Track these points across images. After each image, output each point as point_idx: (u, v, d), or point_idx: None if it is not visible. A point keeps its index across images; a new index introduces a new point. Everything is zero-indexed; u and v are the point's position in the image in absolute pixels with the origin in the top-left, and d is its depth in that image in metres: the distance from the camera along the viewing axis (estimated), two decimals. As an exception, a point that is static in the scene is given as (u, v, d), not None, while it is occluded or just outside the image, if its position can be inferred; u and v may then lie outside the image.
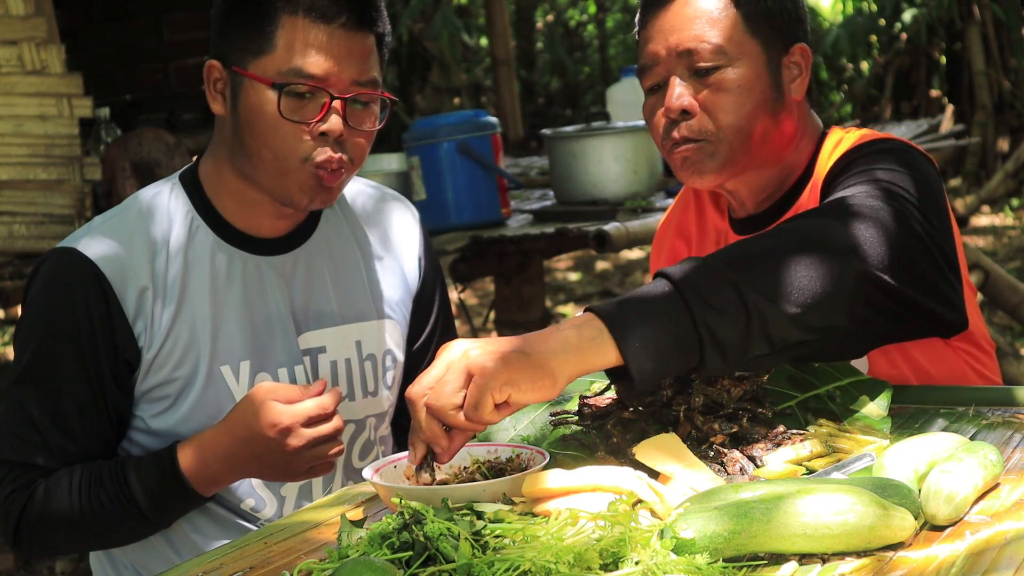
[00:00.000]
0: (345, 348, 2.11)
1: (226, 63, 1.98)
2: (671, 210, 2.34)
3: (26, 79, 4.14)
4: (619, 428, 1.59)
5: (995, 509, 1.39)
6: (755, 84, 1.99)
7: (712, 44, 1.98)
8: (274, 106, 1.92)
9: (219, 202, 2.04)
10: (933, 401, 1.82)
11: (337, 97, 1.93)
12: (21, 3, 4.13)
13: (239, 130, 1.97)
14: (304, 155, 1.94)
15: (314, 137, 1.93)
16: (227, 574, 1.44)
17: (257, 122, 1.94)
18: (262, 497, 2.05)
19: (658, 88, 2.04)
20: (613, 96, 4.69)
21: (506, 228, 4.03)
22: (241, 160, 1.99)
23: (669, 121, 2.02)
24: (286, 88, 1.91)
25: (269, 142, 1.94)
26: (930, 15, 10.16)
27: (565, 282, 9.11)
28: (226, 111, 1.99)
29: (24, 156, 4.18)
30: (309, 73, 1.91)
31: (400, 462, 1.60)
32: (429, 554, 1.29)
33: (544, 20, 14.03)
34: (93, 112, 4.27)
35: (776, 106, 2.02)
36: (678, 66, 2.00)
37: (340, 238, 2.15)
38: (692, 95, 2.00)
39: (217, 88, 2.00)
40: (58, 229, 4.17)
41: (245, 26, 1.94)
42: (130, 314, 1.96)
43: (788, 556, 1.29)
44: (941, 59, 10.72)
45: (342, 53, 1.93)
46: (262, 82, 1.92)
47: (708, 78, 1.99)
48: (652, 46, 2.02)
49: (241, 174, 2.01)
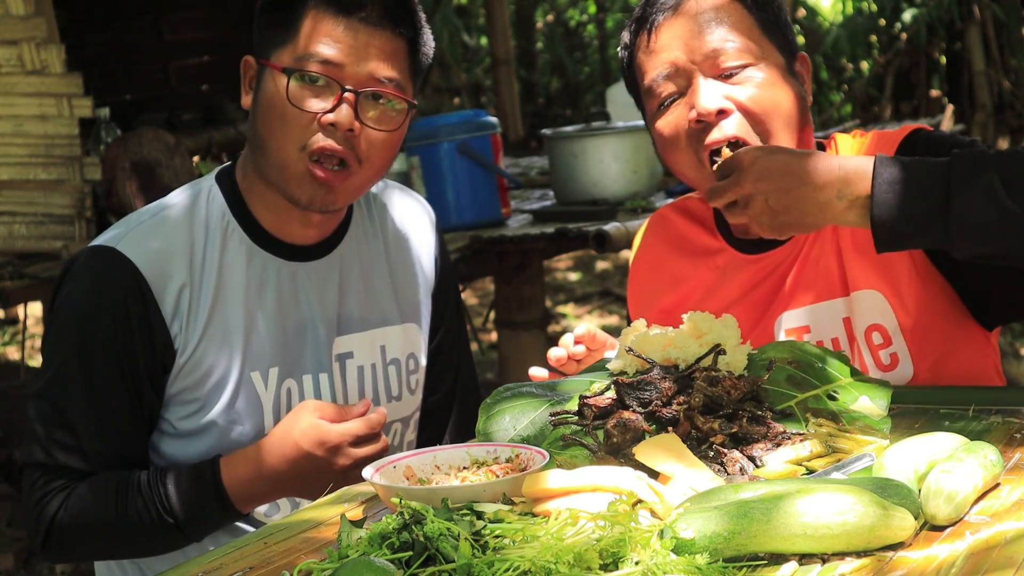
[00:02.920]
0: (371, 354, 2.11)
1: (257, 57, 1.98)
2: (644, 243, 2.24)
3: (26, 79, 4.14)
4: (619, 428, 1.58)
5: (995, 509, 1.39)
6: (779, 84, 1.95)
7: (737, 43, 1.94)
8: (282, 91, 1.91)
9: (253, 205, 2.02)
10: (933, 401, 1.82)
11: (349, 89, 1.91)
12: (21, 3, 4.13)
13: (255, 121, 1.96)
14: (302, 143, 1.91)
15: (322, 127, 1.91)
16: (227, 574, 1.44)
17: (268, 110, 1.93)
18: (276, 503, 2.04)
19: (671, 102, 1.98)
20: (613, 96, 4.70)
21: (506, 228, 4.03)
22: (255, 154, 1.98)
23: (699, 127, 1.94)
24: (296, 73, 1.90)
25: (274, 129, 1.93)
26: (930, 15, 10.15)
27: (565, 282, 9.11)
28: (251, 105, 1.99)
29: (24, 156, 4.18)
30: (321, 58, 1.90)
31: (400, 462, 1.60)
32: (429, 554, 1.29)
33: (544, 20, 14.02)
34: (93, 112, 4.27)
35: (799, 106, 1.98)
36: (702, 68, 1.94)
37: (368, 241, 2.14)
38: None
39: (250, 84, 2.00)
40: (58, 229, 4.17)
41: (276, 20, 1.95)
42: (167, 315, 1.94)
43: (788, 556, 1.29)
44: (941, 59, 10.71)
45: (359, 45, 1.92)
46: (276, 69, 1.92)
47: (734, 78, 1.94)
48: (667, 55, 1.96)
49: (256, 171, 2.00)
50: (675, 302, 2.13)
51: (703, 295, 2.11)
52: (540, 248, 4.12)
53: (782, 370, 1.69)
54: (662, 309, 2.14)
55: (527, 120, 11.35)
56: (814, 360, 1.72)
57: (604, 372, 1.77)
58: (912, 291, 1.94)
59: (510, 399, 1.73)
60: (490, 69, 10.20)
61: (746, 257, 2.08)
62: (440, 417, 2.26)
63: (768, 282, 2.05)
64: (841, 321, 1.98)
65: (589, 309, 8.21)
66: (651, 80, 1.99)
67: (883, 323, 1.95)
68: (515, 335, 4.43)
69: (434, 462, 1.62)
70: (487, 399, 1.75)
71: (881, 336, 1.96)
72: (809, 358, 1.72)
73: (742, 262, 2.08)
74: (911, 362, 1.95)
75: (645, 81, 2.00)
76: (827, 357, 1.74)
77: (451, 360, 2.26)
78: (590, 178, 4.00)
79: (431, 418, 2.24)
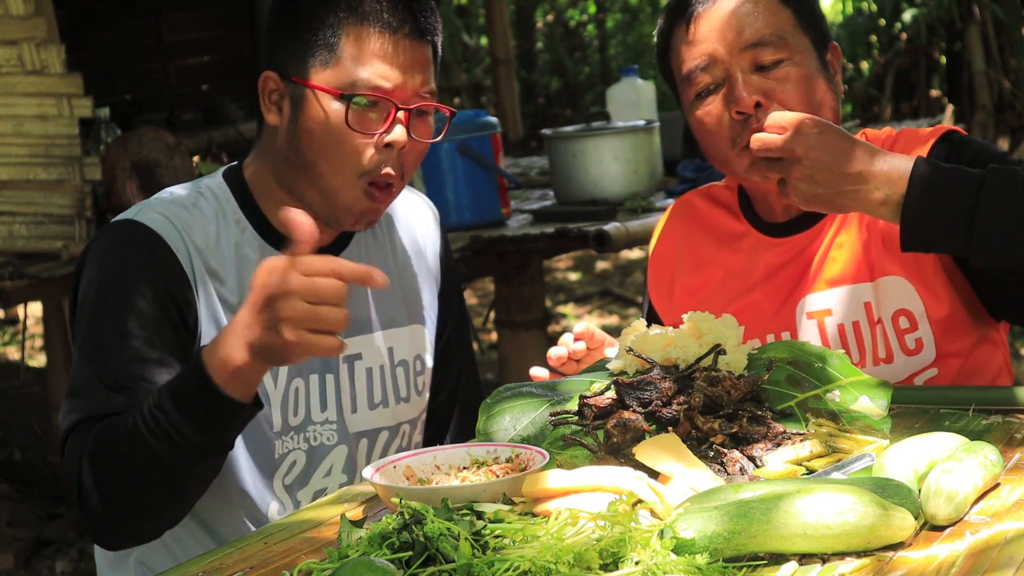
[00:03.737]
0: (379, 355, 2.10)
1: (284, 74, 1.95)
2: (667, 227, 2.27)
3: (26, 79, 4.15)
4: (619, 428, 1.58)
5: (995, 509, 1.39)
6: (815, 78, 2.00)
7: (777, 37, 1.98)
8: (339, 117, 1.90)
9: (267, 209, 2.01)
10: (933, 401, 1.82)
11: (402, 108, 1.91)
12: (21, 3, 4.13)
13: (296, 142, 1.94)
14: (363, 169, 1.92)
15: (378, 149, 1.91)
16: (227, 574, 1.44)
17: (320, 133, 1.91)
18: (281, 503, 2.03)
19: (708, 93, 2.01)
20: (613, 96, 4.69)
21: (506, 228, 4.03)
22: (291, 174, 1.97)
23: (741, 119, 1.97)
24: (354, 99, 1.89)
25: (330, 154, 1.92)
26: (930, 15, 10.15)
27: (565, 282, 9.11)
28: (282, 123, 1.96)
29: (24, 156, 4.18)
30: (376, 83, 1.90)
31: (400, 462, 1.60)
32: (429, 554, 1.29)
33: (544, 20, 14.02)
34: (93, 112, 4.27)
35: (833, 100, 2.03)
36: (740, 62, 1.98)
37: (376, 242, 2.13)
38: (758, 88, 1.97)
39: (272, 100, 1.97)
40: (58, 229, 4.17)
41: (306, 37, 1.92)
42: (190, 278, 1.92)
43: (788, 556, 1.29)
44: (941, 59, 10.72)
45: (406, 63, 1.92)
46: (328, 93, 1.90)
47: (771, 72, 1.98)
48: (705, 46, 1.99)
49: (286, 187, 1.99)
50: (698, 283, 2.18)
51: (726, 277, 2.15)
52: (540, 248, 4.12)
53: (782, 370, 1.69)
54: (684, 288, 2.18)
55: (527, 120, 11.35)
56: (814, 360, 1.72)
57: (604, 372, 1.77)
58: (938, 281, 1.99)
59: (510, 399, 1.73)
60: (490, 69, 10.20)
61: (771, 240, 2.12)
62: (443, 418, 2.26)
63: (793, 265, 2.09)
64: (863, 305, 2.03)
65: (589, 309, 8.21)
66: (689, 70, 2.02)
67: (911, 308, 2.00)
68: (515, 335, 4.43)
69: (434, 462, 1.62)
70: (487, 399, 1.75)
71: (908, 320, 2.01)
72: (809, 358, 1.72)
73: (767, 244, 2.12)
74: (935, 348, 2.00)
75: (683, 71, 2.04)
76: (827, 357, 1.74)
77: (455, 360, 2.26)
78: (590, 178, 4.00)
79: (433, 418, 2.24)
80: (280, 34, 1.96)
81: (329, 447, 2.06)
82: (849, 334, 2.03)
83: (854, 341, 2.02)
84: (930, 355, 2.00)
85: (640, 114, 4.47)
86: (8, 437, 5.91)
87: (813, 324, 2.05)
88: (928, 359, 2.01)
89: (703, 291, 2.16)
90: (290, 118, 1.95)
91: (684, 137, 4.53)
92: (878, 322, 2.01)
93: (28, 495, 5.08)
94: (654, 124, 4.10)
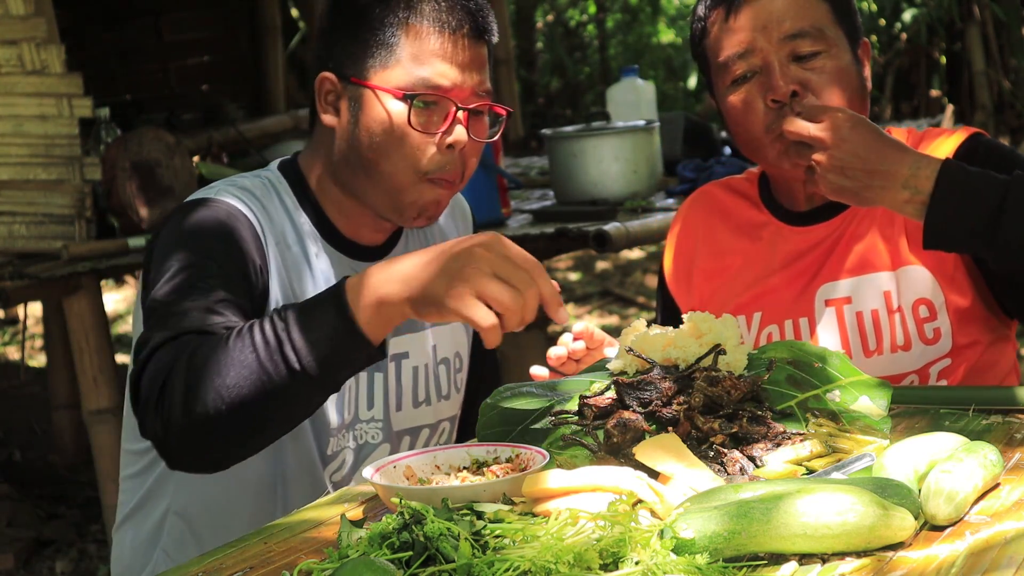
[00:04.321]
0: (425, 353, 2.12)
1: (341, 75, 1.95)
2: (685, 215, 2.29)
3: (26, 79, 4.14)
4: (619, 428, 1.58)
5: (995, 509, 1.39)
6: (849, 71, 2.04)
7: (815, 29, 2.01)
8: (402, 117, 1.90)
9: (327, 207, 2.02)
10: (933, 401, 1.82)
11: (462, 108, 1.92)
12: (21, 3, 4.13)
13: (357, 142, 1.95)
14: (425, 168, 1.93)
15: (440, 150, 1.92)
16: (227, 574, 1.44)
17: (382, 133, 1.92)
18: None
19: (743, 80, 2.04)
20: (613, 96, 4.69)
21: (506, 228, 4.02)
22: (350, 173, 1.98)
23: (776, 107, 2.01)
24: (417, 98, 1.90)
25: (392, 154, 1.92)
26: (930, 15, 10.15)
27: (565, 282, 9.10)
28: (339, 123, 1.97)
29: (24, 156, 4.18)
30: (437, 83, 1.91)
31: (400, 462, 1.60)
32: (429, 554, 1.29)
33: (544, 20, 14.01)
34: (93, 112, 4.27)
35: (863, 94, 2.06)
36: (779, 51, 2.01)
37: (424, 239, 2.15)
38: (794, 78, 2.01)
39: (328, 100, 1.98)
40: (58, 229, 4.17)
41: (365, 37, 1.93)
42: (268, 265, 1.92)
43: (788, 556, 1.29)
44: (941, 59, 10.71)
45: (465, 63, 1.93)
46: (390, 93, 1.91)
47: (808, 63, 2.01)
48: (745, 35, 2.02)
49: (344, 186, 2.00)
50: (717, 269, 2.21)
51: (745, 263, 2.18)
52: (540, 248, 4.11)
53: (782, 370, 1.69)
54: (703, 272, 2.22)
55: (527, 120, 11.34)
56: (814, 360, 1.72)
57: (604, 372, 1.77)
58: (960, 274, 2.03)
59: (510, 399, 1.73)
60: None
61: (792, 228, 2.15)
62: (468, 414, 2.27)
63: (813, 253, 2.12)
64: (882, 294, 2.06)
65: (589, 309, 8.21)
66: (727, 57, 2.05)
67: (931, 298, 2.03)
68: (515, 335, 4.41)
69: (434, 462, 1.62)
70: (487, 399, 1.75)
71: (928, 309, 2.04)
72: (809, 358, 1.72)
73: (788, 232, 2.15)
74: (951, 339, 2.03)
75: (720, 57, 2.06)
76: (827, 357, 1.74)
77: (486, 357, 2.28)
78: (590, 178, 4.00)
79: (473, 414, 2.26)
80: (336, 35, 1.96)
81: (374, 445, 2.07)
82: (867, 321, 2.06)
83: (872, 328, 2.05)
84: (947, 345, 2.03)
85: (640, 114, 4.47)
86: (8, 437, 5.91)
87: (832, 311, 2.08)
88: (944, 349, 2.04)
89: (721, 276, 2.19)
90: (349, 119, 1.96)
91: (684, 137, 4.53)
92: (897, 310, 2.04)
93: (28, 495, 5.08)
94: (654, 124, 4.10)
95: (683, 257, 2.26)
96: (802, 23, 2.01)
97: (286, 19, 8.20)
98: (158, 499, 2.03)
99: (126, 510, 2.07)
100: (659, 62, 12.75)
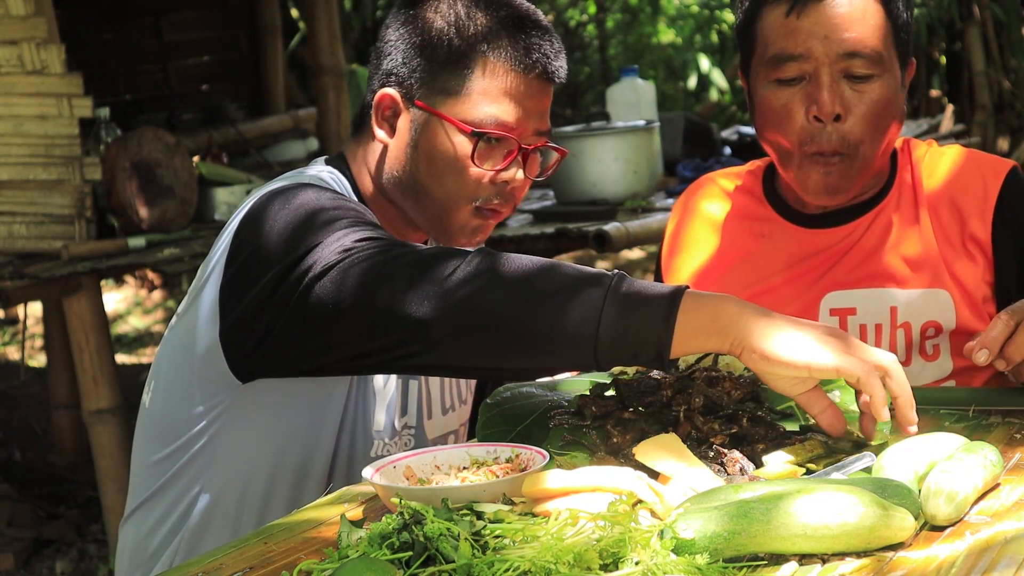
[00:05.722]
0: None
1: (406, 95, 1.95)
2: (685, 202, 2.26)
3: (26, 79, 4.15)
4: (619, 428, 1.59)
5: (995, 509, 1.39)
6: (895, 98, 1.99)
7: (875, 52, 1.96)
8: (464, 149, 1.91)
9: (372, 210, 2.00)
10: (933, 401, 1.82)
11: (524, 148, 1.94)
12: (21, 3, 4.13)
13: (413, 165, 1.95)
14: (476, 197, 1.94)
15: (493, 182, 1.93)
16: (227, 574, 1.44)
17: (441, 162, 1.93)
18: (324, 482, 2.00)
19: (793, 82, 1.98)
20: (613, 96, 4.69)
21: (506, 228, 4.02)
22: (399, 192, 1.98)
23: (815, 124, 1.96)
24: (484, 136, 1.91)
25: (446, 183, 1.93)
26: (930, 15, 10.15)
27: (565, 282, 9.09)
28: (395, 142, 1.97)
29: (24, 156, 4.18)
30: (504, 120, 1.91)
31: (400, 462, 1.60)
32: (429, 554, 1.29)
33: (544, 20, 14.01)
34: (93, 112, 4.27)
35: (901, 119, 2.01)
36: (834, 66, 1.95)
37: None
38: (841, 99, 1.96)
39: (385, 116, 1.97)
40: (58, 229, 4.17)
41: (441, 64, 1.93)
42: None
43: (788, 556, 1.29)
44: (941, 59, 10.71)
45: (532, 104, 1.94)
46: (456, 125, 1.91)
47: (859, 85, 1.96)
48: (806, 40, 1.95)
49: (391, 200, 2.00)
50: (714, 263, 2.16)
51: (745, 260, 2.13)
52: (540, 248, 4.12)
53: (782, 370, 1.69)
54: (700, 263, 2.17)
55: (527, 120, 11.33)
56: (814, 360, 1.72)
57: (604, 372, 1.77)
58: (988, 308, 2.01)
59: (510, 399, 1.73)
60: (490, 69, 10.18)
61: (797, 228, 2.11)
62: None
63: (818, 258, 2.08)
64: (888, 309, 2.02)
65: (589, 309, 8.19)
66: (777, 54, 1.98)
67: (941, 322, 2.00)
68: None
69: (434, 462, 1.62)
70: (487, 399, 1.75)
71: (935, 331, 2.01)
72: (809, 358, 1.72)
73: (792, 232, 2.11)
74: (951, 360, 2.01)
75: (770, 51, 1.99)
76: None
77: None
78: (590, 178, 4.00)
79: None
80: (405, 55, 1.95)
81: None
82: (870, 334, 2.03)
83: (873, 341, 2.02)
84: (947, 366, 2.01)
85: (640, 114, 4.47)
86: (8, 437, 5.91)
87: (835, 321, 2.05)
88: (946, 370, 2.01)
89: (719, 271, 2.15)
90: (408, 141, 1.96)
91: (684, 137, 4.54)
92: (902, 326, 2.01)
93: (28, 495, 5.08)
94: (654, 124, 4.10)
95: (680, 247, 2.22)
96: (862, 43, 1.94)
97: (286, 19, 8.20)
98: (189, 481, 1.97)
99: (146, 494, 2.00)
100: (659, 62, 12.74)
